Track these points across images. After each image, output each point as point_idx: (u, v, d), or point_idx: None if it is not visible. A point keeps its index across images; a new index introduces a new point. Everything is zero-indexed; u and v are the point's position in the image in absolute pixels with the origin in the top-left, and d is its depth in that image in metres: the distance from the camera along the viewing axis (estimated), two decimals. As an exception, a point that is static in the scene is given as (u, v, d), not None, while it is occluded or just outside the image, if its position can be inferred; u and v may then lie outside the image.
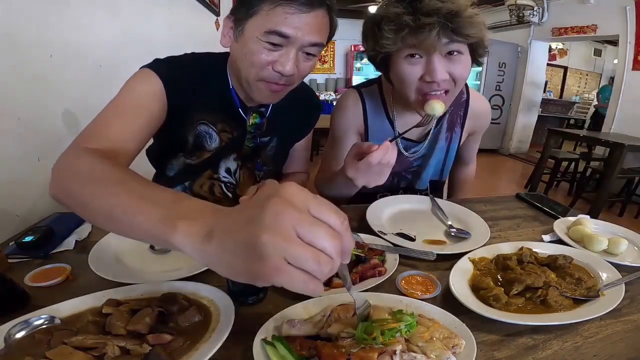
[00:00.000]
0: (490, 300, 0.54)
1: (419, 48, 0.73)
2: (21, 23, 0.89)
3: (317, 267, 0.29)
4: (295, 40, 0.69)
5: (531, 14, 5.17)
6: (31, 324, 0.45)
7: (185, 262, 0.65)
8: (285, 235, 0.28)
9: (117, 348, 0.41)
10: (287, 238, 0.28)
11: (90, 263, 0.60)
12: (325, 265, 0.29)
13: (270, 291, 0.57)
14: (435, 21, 0.69)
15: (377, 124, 0.97)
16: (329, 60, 8.45)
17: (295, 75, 0.74)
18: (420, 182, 1.06)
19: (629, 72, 4.06)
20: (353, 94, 0.98)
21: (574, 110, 7.56)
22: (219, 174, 0.92)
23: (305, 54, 0.73)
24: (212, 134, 0.86)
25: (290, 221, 0.29)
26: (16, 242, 0.67)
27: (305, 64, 0.75)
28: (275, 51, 0.70)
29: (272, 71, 0.72)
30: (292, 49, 0.70)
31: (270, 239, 0.28)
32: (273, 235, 0.28)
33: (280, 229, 0.29)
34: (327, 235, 0.30)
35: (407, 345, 0.42)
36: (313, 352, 0.42)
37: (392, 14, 0.73)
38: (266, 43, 0.69)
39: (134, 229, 0.38)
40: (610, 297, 0.54)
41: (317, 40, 0.71)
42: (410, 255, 0.67)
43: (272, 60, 0.70)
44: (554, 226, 0.80)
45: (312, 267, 0.29)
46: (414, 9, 0.71)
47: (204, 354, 0.41)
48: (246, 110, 0.87)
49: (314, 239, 0.29)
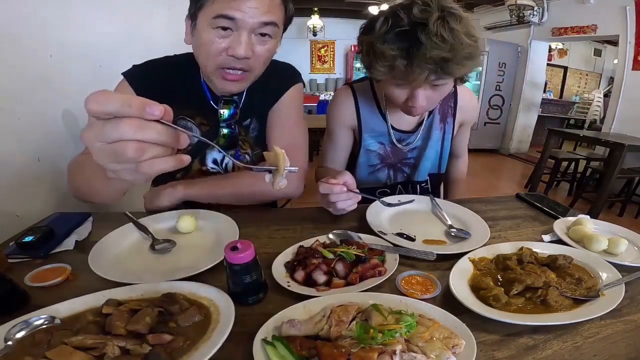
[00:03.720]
0: (490, 300, 0.53)
1: (406, 84, 0.79)
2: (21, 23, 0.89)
3: (124, 158, 0.37)
4: (243, 23, 0.70)
5: (531, 14, 5.17)
6: (31, 324, 0.45)
7: (185, 262, 0.65)
8: (95, 148, 0.38)
9: (117, 348, 0.41)
10: (97, 149, 0.38)
11: (90, 263, 0.60)
12: (128, 153, 0.36)
13: (270, 291, 0.57)
14: (427, 68, 0.71)
15: (370, 118, 1.02)
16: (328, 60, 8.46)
17: (252, 60, 0.75)
18: (418, 174, 1.08)
19: (629, 72, 4.06)
20: (345, 90, 1.04)
21: (574, 110, 7.55)
22: (207, 165, 0.97)
23: (260, 35, 0.73)
24: (192, 128, 0.92)
25: (93, 137, 0.37)
26: (16, 242, 0.67)
27: (262, 47, 0.75)
28: (227, 37, 0.71)
29: (227, 56, 0.73)
30: (242, 32, 0.71)
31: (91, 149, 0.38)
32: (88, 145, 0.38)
33: (89, 145, 0.38)
34: (114, 128, 0.36)
35: (407, 345, 0.42)
36: (313, 352, 0.42)
37: (388, 55, 0.72)
38: (216, 30, 0.71)
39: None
40: (610, 297, 0.54)
41: (268, 19, 0.71)
42: (410, 255, 0.67)
43: (225, 46, 0.72)
44: (554, 226, 0.80)
45: (122, 159, 0.37)
46: (409, 54, 0.70)
47: (204, 354, 0.41)
48: (217, 101, 0.90)
49: (109, 135, 0.36)
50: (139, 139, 0.36)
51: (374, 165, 1.07)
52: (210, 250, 0.69)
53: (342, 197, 0.75)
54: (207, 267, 0.60)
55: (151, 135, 0.36)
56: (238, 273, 0.52)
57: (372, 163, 1.07)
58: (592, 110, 7.14)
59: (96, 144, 0.37)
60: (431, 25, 0.68)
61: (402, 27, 0.71)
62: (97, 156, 0.38)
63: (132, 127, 0.35)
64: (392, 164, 1.07)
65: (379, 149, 1.05)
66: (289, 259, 0.65)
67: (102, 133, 0.36)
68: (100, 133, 0.36)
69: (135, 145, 0.36)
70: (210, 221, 0.79)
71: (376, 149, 1.05)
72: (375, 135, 1.04)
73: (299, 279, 0.59)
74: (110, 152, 0.37)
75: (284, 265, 0.63)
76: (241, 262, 0.51)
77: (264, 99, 0.94)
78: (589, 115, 7.19)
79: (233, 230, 0.74)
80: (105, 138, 0.36)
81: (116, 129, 0.35)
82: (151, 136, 0.36)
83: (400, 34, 0.71)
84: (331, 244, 0.69)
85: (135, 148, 0.36)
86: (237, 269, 0.52)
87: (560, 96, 8.17)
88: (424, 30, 0.68)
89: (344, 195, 0.74)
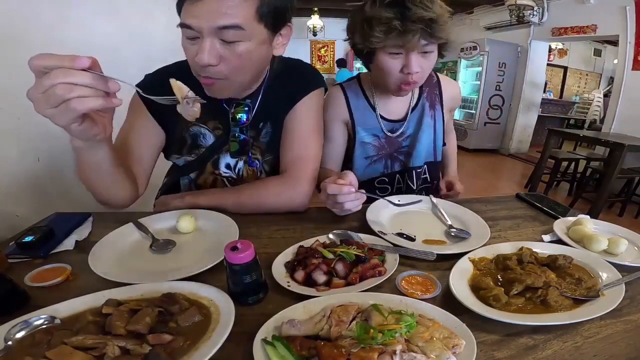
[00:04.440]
0: (490, 300, 0.53)
1: (401, 47, 0.86)
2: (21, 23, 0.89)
3: (54, 98, 0.48)
4: (200, 29, 0.67)
5: (531, 14, 5.17)
6: (31, 324, 0.45)
7: (185, 262, 0.65)
8: (34, 100, 0.49)
9: (117, 348, 0.41)
10: (35, 100, 0.49)
11: (90, 263, 0.60)
12: (56, 94, 0.47)
13: (270, 291, 0.57)
14: (418, 27, 0.82)
15: (360, 111, 1.08)
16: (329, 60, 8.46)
17: (222, 66, 0.72)
18: (413, 160, 1.11)
19: (629, 72, 4.06)
20: (335, 88, 1.12)
21: (574, 110, 7.55)
22: (219, 169, 0.96)
23: (225, 41, 0.69)
24: (205, 133, 0.91)
25: (30, 93, 0.49)
26: (16, 242, 0.67)
27: (231, 51, 0.70)
28: (195, 45, 0.70)
29: (198, 64, 0.72)
30: (204, 39, 0.68)
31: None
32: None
33: (32, 98, 0.49)
34: (45, 79, 0.47)
35: (407, 345, 0.42)
36: (313, 352, 0.42)
37: (384, 18, 0.82)
38: (186, 39, 0.72)
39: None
40: (610, 297, 0.54)
41: (225, 22, 0.66)
42: (410, 255, 0.67)
43: (194, 54, 0.71)
44: (554, 226, 0.80)
45: (52, 100, 0.48)
46: (403, 16, 0.81)
47: (204, 354, 0.41)
48: (230, 103, 0.89)
49: (43, 86, 0.47)
50: (65, 82, 0.47)
51: (371, 157, 1.11)
52: (210, 250, 0.69)
53: (350, 198, 0.75)
54: (207, 267, 0.60)
55: (77, 79, 0.47)
56: (238, 273, 0.52)
57: (368, 155, 1.11)
58: (592, 110, 7.14)
59: (36, 95, 0.48)
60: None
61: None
62: (37, 106, 0.49)
63: (60, 73, 0.47)
64: (389, 154, 1.11)
65: (374, 141, 1.09)
66: (289, 259, 0.65)
67: (39, 84, 0.47)
68: (38, 85, 0.47)
69: (62, 86, 0.47)
70: (210, 221, 0.79)
71: (370, 141, 1.09)
72: (368, 128, 1.08)
73: (299, 279, 0.59)
74: (46, 97, 0.47)
75: (284, 265, 0.63)
76: (241, 262, 0.51)
77: (280, 102, 0.91)
78: (589, 115, 7.19)
79: (233, 230, 0.73)
80: (42, 87, 0.47)
81: (48, 77, 0.47)
82: (77, 79, 0.47)
83: (390, 4, 0.82)
84: (331, 244, 0.69)
85: (63, 87, 0.47)
86: (237, 269, 0.52)
87: (560, 96, 8.17)
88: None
89: (352, 195, 0.75)
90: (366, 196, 0.80)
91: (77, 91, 0.48)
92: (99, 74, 0.49)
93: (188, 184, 1.00)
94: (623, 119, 4.17)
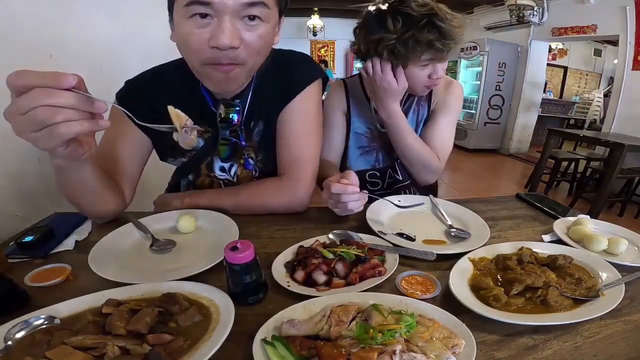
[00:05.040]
0: (490, 300, 0.53)
1: (433, 60, 0.93)
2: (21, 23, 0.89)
3: (36, 123, 0.42)
4: (222, 5, 0.60)
5: (531, 14, 5.17)
6: (31, 324, 0.45)
7: (186, 262, 0.65)
8: (12, 121, 0.43)
9: (117, 348, 0.41)
10: (14, 122, 0.43)
11: (90, 263, 0.60)
12: (39, 117, 0.42)
13: (270, 291, 0.57)
14: (451, 43, 0.90)
15: (357, 103, 1.15)
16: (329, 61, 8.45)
17: (241, 50, 0.65)
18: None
19: (629, 72, 4.06)
20: (338, 82, 1.19)
21: (574, 110, 7.55)
22: (214, 172, 0.94)
23: (247, 19, 0.63)
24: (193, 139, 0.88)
25: (8, 114, 0.43)
26: (16, 242, 0.67)
27: (252, 33, 0.65)
28: (207, 26, 0.62)
29: (210, 49, 0.64)
30: (224, 17, 0.61)
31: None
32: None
33: (9, 120, 0.44)
34: (26, 101, 0.41)
35: (407, 345, 0.42)
36: (313, 352, 0.41)
37: (426, 41, 0.87)
38: (193, 19, 0.62)
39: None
40: (610, 297, 0.54)
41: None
42: (410, 255, 0.67)
43: (206, 37, 0.63)
44: (554, 226, 0.80)
45: (35, 126, 0.43)
46: (441, 35, 0.87)
47: (204, 354, 0.41)
48: (217, 105, 0.83)
49: (22, 108, 0.42)
50: (48, 103, 0.41)
51: (363, 147, 1.15)
52: (210, 250, 0.69)
53: (354, 198, 0.76)
54: (207, 267, 0.60)
55: (60, 100, 0.41)
56: (238, 273, 0.52)
57: (361, 145, 1.15)
58: (592, 110, 7.14)
59: (16, 118, 0.42)
60: (440, 13, 0.87)
61: (420, 20, 0.86)
62: (17, 129, 0.44)
63: (42, 93, 0.41)
64: (380, 148, 1.15)
65: (367, 133, 1.15)
66: (289, 259, 0.65)
67: (18, 105, 0.41)
68: (17, 106, 0.41)
69: (45, 109, 0.41)
70: (210, 221, 0.79)
71: (363, 132, 1.15)
72: (362, 120, 1.14)
73: (299, 279, 0.59)
74: (26, 121, 0.42)
75: (284, 265, 0.63)
76: (241, 262, 0.51)
77: (273, 99, 0.85)
78: (589, 115, 7.19)
79: (233, 230, 0.73)
80: (21, 108, 0.41)
81: (28, 97, 0.41)
82: (60, 101, 0.41)
83: (425, 25, 0.86)
84: (331, 244, 0.69)
85: (45, 111, 0.41)
86: (237, 269, 0.52)
87: (560, 96, 8.17)
88: (437, 17, 0.87)
89: (355, 196, 0.76)
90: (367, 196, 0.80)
91: (61, 114, 0.42)
92: (85, 94, 0.44)
93: (186, 186, 1.00)
94: (623, 119, 4.17)
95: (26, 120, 0.42)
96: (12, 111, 0.42)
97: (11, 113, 0.42)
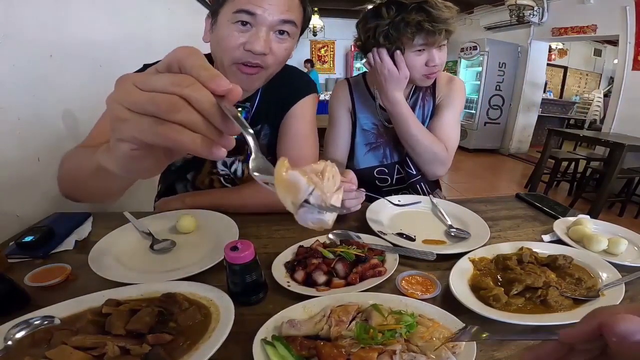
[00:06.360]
0: (490, 300, 0.53)
1: (425, 44, 0.97)
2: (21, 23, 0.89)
3: (154, 106, 0.29)
4: (263, 19, 0.72)
5: (531, 14, 5.17)
6: (31, 324, 0.45)
7: (185, 262, 0.65)
8: (124, 90, 0.31)
9: (117, 348, 0.41)
10: (125, 91, 0.30)
11: (90, 263, 0.60)
12: (163, 103, 0.29)
13: (270, 291, 0.57)
14: (442, 27, 0.93)
15: (362, 100, 1.18)
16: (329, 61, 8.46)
17: (269, 57, 0.76)
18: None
19: (629, 72, 4.06)
20: (342, 81, 1.24)
21: (574, 110, 7.55)
22: (217, 167, 0.97)
23: (278, 33, 0.75)
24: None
25: (129, 80, 0.31)
26: (16, 242, 0.67)
27: (280, 45, 0.77)
28: (246, 32, 0.73)
29: (244, 51, 0.74)
30: (261, 28, 0.73)
31: (111, 96, 0.31)
32: (113, 93, 0.31)
33: (120, 87, 0.31)
34: (163, 77, 0.30)
35: (407, 345, 0.42)
36: (313, 352, 0.42)
37: (414, 20, 0.93)
38: (236, 25, 0.72)
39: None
40: (610, 297, 0.54)
41: (287, 17, 0.74)
42: (410, 255, 0.67)
43: (243, 41, 0.73)
44: (554, 226, 0.80)
45: (149, 107, 0.29)
46: (430, 18, 0.92)
47: (204, 354, 0.41)
48: None
49: (150, 82, 0.30)
50: (183, 95, 0.29)
51: (370, 143, 1.17)
52: (210, 250, 0.69)
53: (351, 196, 0.77)
54: (207, 267, 0.60)
55: (202, 102, 0.30)
56: (238, 273, 0.52)
57: (368, 141, 1.17)
58: (592, 110, 7.13)
59: (132, 88, 0.30)
60: (431, 1, 0.93)
61: (412, 5, 0.93)
62: (120, 97, 0.31)
63: (188, 80, 0.30)
64: (387, 143, 1.16)
65: (373, 129, 1.17)
66: (289, 259, 0.65)
67: (153, 79, 0.30)
68: (152, 79, 0.30)
69: (173, 97, 0.29)
70: (210, 221, 0.79)
71: (370, 129, 1.17)
72: (368, 116, 1.16)
73: (299, 279, 0.59)
74: (144, 99, 0.30)
75: (284, 265, 0.63)
76: (241, 262, 0.51)
77: (276, 106, 0.94)
78: (589, 115, 7.18)
79: (233, 230, 0.74)
80: (154, 83, 0.30)
81: (166, 77, 0.30)
82: (202, 103, 0.30)
83: (414, 9, 0.92)
84: (331, 244, 0.69)
85: (170, 99, 0.29)
86: (237, 269, 0.52)
87: (560, 96, 8.17)
88: (427, 4, 0.93)
89: (352, 194, 0.76)
90: (366, 196, 0.80)
91: (184, 113, 0.30)
92: (228, 109, 0.31)
93: (184, 188, 1.01)
94: (623, 119, 4.17)
95: (145, 98, 0.30)
96: (137, 81, 0.31)
97: (127, 80, 0.31)
